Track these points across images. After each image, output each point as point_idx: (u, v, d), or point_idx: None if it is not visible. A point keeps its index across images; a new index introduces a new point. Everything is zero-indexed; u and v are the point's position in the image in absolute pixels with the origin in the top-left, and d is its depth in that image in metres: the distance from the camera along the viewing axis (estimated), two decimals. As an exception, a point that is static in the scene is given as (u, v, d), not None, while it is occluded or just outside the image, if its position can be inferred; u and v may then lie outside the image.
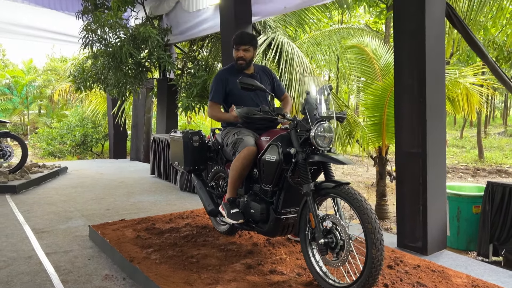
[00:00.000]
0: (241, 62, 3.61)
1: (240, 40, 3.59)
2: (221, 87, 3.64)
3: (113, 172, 8.52)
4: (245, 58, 3.60)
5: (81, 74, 8.46)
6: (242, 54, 3.59)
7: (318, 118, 2.88)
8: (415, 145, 3.91)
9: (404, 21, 3.89)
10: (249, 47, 3.59)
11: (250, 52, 3.62)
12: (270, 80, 3.78)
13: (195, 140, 3.83)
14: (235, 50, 3.62)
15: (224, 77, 3.66)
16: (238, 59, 3.61)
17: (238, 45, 3.58)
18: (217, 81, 3.67)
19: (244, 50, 3.58)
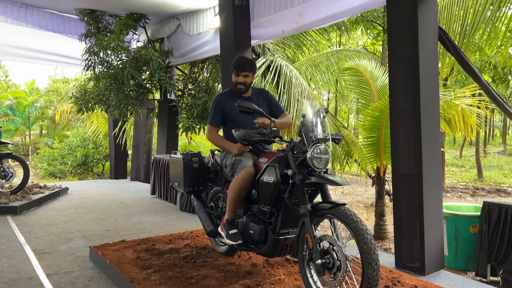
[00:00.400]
0: (240, 87, 3.71)
1: (240, 66, 3.68)
2: (219, 110, 3.73)
3: (114, 192, 8.56)
4: (245, 83, 3.70)
5: (83, 96, 8.59)
6: (242, 80, 3.69)
7: (314, 140, 2.96)
8: (411, 166, 3.98)
9: (398, 46, 4.01)
10: (249, 73, 3.69)
11: (250, 78, 3.73)
12: (268, 102, 3.87)
13: (194, 161, 3.91)
14: (234, 75, 3.71)
15: (221, 101, 3.76)
16: (238, 84, 3.70)
17: (238, 71, 3.68)
18: (215, 105, 3.77)
19: (244, 76, 3.68)
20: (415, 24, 3.81)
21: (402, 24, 3.94)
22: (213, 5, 7.33)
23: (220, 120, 3.75)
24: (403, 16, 3.93)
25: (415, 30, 3.82)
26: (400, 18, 3.96)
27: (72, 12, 8.70)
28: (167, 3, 7.53)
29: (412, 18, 3.83)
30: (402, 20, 3.94)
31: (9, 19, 8.45)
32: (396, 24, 4.03)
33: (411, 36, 3.85)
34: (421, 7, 3.82)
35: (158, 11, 8.13)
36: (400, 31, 3.97)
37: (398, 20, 3.99)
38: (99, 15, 8.58)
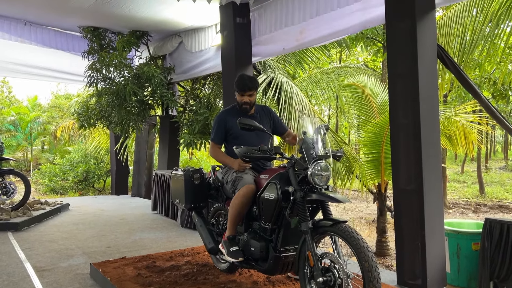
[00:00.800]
0: (245, 107, 3.73)
1: (244, 86, 3.68)
2: (222, 128, 3.76)
3: (115, 208, 8.55)
4: (249, 102, 3.73)
5: (85, 112, 8.65)
6: (247, 100, 3.70)
7: (315, 157, 2.98)
8: (411, 183, 3.99)
9: (397, 63, 4.06)
10: (253, 92, 3.72)
11: (254, 96, 3.76)
12: (270, 120, 3.90)
13: (196, 178, 3.92)
14: (239, 95, 3.72)
15: (224, 118, 3.79)
16: (243, 104, 3.72)
17: (243, 91, 3.68)
18: (217, 122, 3.80)
19: (249, 96, 3.70)
20: (414, 42, 3.86)
21: (401, 41, 3.99)
22: (214, 23, 7.43)
23: (222, 137, 3.78)
24: (402, 33, 3.98)
25: (414, 47, 3.87)
26: (399, 36, 4.01)
27: (76, 30, 8.81)
28: (170, 21, 7.64)
29: (411, 35, 3.88)
30: (401, 38, 4.00)
31: (13, 37, 8.55)
32: (395, 42, 4.08)
33: (410, 54, 3.90)
34: (420, 25, 3.88)
35: (161, 28, 8.24)
36: (400, 48, 4.02)
37: (397, 37, 4.04)
38: (102, 33, 8.68)
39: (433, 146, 4.01)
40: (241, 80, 3.74)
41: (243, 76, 3.80)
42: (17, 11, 7.94)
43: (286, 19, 5.76)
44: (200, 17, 7.32)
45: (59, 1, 7.10)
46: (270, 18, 6.08)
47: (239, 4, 6.10)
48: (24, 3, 7.47)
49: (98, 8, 7.17)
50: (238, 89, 3.70)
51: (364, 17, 4.79)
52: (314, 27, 5.43)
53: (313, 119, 3.22)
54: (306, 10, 5.43)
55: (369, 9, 4.70)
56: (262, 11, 6.25)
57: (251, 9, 6.39)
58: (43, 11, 7.93)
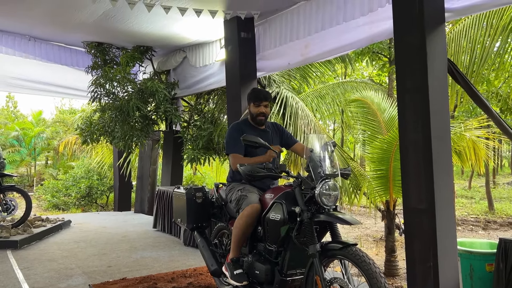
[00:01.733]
0: (261, 118, 3.64)
1: (260, 96, 3.63)
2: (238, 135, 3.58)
3: (117, 225, 8.41)
4: (265, 113, 3.64)
5: (88, 127, 8.57)
6: (264, 110, 3.62)
7: (323, 176, 2.85)
8: (423, 201, 3.83)
9: (407, 77, 3.94)
10: (269, 102, 3.66)
11: (269, 108, 3.70)
12: (280, 134, 3.80)
13: (198, 196, 3.79)
14: (254, 106, 3.63)
15: (240, 128, 3.64)
16: (259, 115, 3.63)
17: (260, 101, 3.60)
18: (236, 132, 3.60)
19: (265, 106, 3.62)
20: (424, 56, 3.75)
21: (411, 55, 3.88)
22: (219, 38, 7.37)
23: (243, 147, 3.52)
24: (411, 47, 3.87)
25: (424, 61, 3.75)
26: (408, 50, 3.90)
27: (80, 45, 8.79)
28: (174, 36, 7.59)
29: (421, 49, 3.77)
30: (410, 52, 3.88)
31: (17, 52, 8.52)
32: (404, 56, 3.97)
33: (420, 68, 3.78)
34: (430, 38, 3.77)
35: (165, 43, 8.20)
36: (409, 63, 3.91)
37: (406, 51, 3.93)
38: (106, 48, 8.65)
39: (445, 162, 3.86)
40: (256, 90, 3.70)
41: (258, 88, 3.75)
42: (22, 27, 7.93)
43: (291, 33, 5.69)
44: (204, 32, 7.27)
45: (63, 17, 7.08)
46: (274, 32, 6.01)
47: (243, 19, 6.05)
48: (30, 20, 7.45)
49: (102, 23, 7.14)
50: (253, 100, 3.60)
51: (371, 31, 4.70)
52: (320, 41, 5.34)
53: (319, 135, 3.09)
54: (311, 24, 5.35)
55: (376, 23, 4.60)
56: (266, 25, 6.19)
57: (255, 24, 6.33)
58: (48, 27, 7.91)
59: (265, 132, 3.66)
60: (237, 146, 3.56)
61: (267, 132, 3.70)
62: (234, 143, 3.59)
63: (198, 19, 6.49)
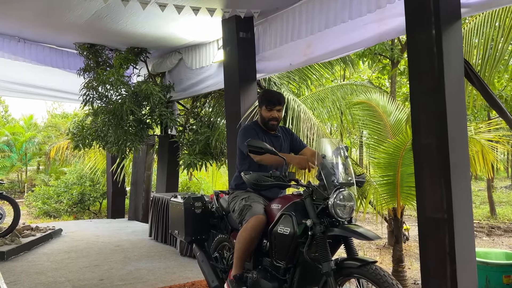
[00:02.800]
0: (273, 123, 3.39)
1: (274, 100, 3.36)
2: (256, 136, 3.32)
3: (110, 234, 8.07)
4: (278, 118, 3.39)
5: (80, 132, 8.24)
6: (276, 115, 3.37)
7: (337, 184, 2.57)
8: (440, 210, 3.56)
9: (421, 79, 3.67)
10: (281, 107, 3.40)
11: (281, 112, 3.44)
12: (289, 139, 3.55)
13: (197, 206, 3.50)
14: (266, 110, 3.37)
15: (255, 129, 3.38)
16: (271, 119, 3.37)
17: (273, 105, 3.34)
18: (251, 131, 3.35)
19: (277, 111, 3.37)
20: (439, 54, 3.49)
21: (425, 54, 3.62)
22: (216, 39, 7.10)
23: None
24: (425, 45, 3.61)
25: (440, 60, 3.49)
26: (422, 48, 3.64)
27: (71, 47, 8.48)
28: (169, 36, 7.31)
29: (436, 48, 3.51)
30: (424, 50, 3.62)
31: (6, 54, 8.19)
32: (418, 55, 3.71)
33: (436, 68, 3.52)
34: (446, 35, 3.51)
35: (160, 45, 7.91)
36: (423, 62, 3.64)
37: (420, 50, 3.67)
38: (99, 50, 8.36)
39: (463, 168, 3.60)
40: (269, 93, 3.43)
41: (271, 90, 3.48)
42: (10, 27, 7.61)
43: (292, 32, 5.42)
44: (201, 32, 6.99)
45: (54, 17, 6.78)
46: (275, 32, 5.74)
47: (243, 18, 5.78)
48: (19, 20, 7.14)
49: (94, 24, 6.84)
50: (266, 103, 3.33)
51: (379, 29, 4.43)
52: (323, 40, 5.07)
53: (331, 139, 2.81)
54: (314, 22, 5.09)
55: (385, 20, 4.34)
56: (266, 25, 5.92)
57: (255, 23, 6.07)
58: (38, 28, 7.60)
59: (276, 138, 3.44)
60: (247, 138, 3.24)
61: (278, 137, 3.47)
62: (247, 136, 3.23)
63: (194, 19, 6.22)
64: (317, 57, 5.35)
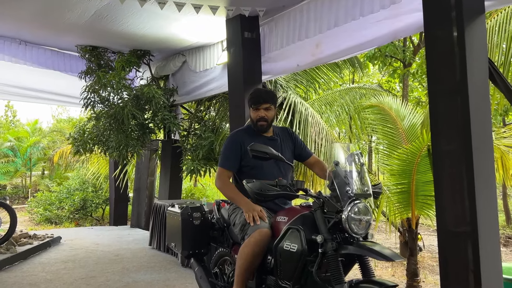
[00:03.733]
0: (262, 124, 3.05)
1: (259, 98, 3.04)
2: (236, 151, 3.01)
3: (110, 242, 7.80)
4: (267, 118, 3.04)
5: (81, 136, 8.00)
6: (263, 114, 3.03)
7: (352, 196, 2.26)
8: (462, 223, 3.23)
9: (441, 78, 3.35)
10: (270, 105, 3.05)
11: (272, 111, 3.08)
12: (292, 144, 3.19)
13: (196, 217, 3.19)
14: (253, 110, 3.06)
15: (239, 139, 3.06)
16: (259, 120, 3.04)
17: (258, 104, 3.02)
18: (232, 143, 3.06)
19: (265, 109, 3.03)
20: (462, 52, 3.17)
21: (446, 52, 3.30)
22: (220, 40, 6.84)
23: (237, 163, 3.02)
24: (446, 43, 3.29)
25: (463, 58, 3.17)
26: (442, 45, 3.33)
27: (73, 49, 8.25)
28: (172, 38, 7.06)
29: (458, 44, 3.20)
30: (445, 48, 3.31)
31: (7, 57, 7.99)
32: (437, 53, 3.39)
33: (458, 66, 3.20)
34: (469, 31, 3.19)
35: (163, 47, 7.67)
36: (444, 60, 3.33)
37: (440, 47, 3.35)
38: (101, 52, 8.13)
39: (488, 176, 3.26)
40: (254, 91, 3.11)
41: (257, 88, 3.18)
42: (10, 29, 7.41)
43: (299, 31, 5.14)
44: (205, 33, 6.74)
45: (53, 17, 6.57)
46: (281, 31, 5.47)
47: (247, 17, 5.51)
48: (18, 21, 6.94)
49: (94, 24, 6.62)
50: (251, 102, 3.03)
51: (394, 26, 4.13)
52: (333, 39, 4.77)
53: (345, 144, 2.51)
54: (322, 20, 4.80)
55: (399, 16, 4.03)
56: (272, 24, 5.64)
57: (260, 23, 5.80)
58: (38, 29, 7.40)
59: (272, 141, 3.05)
60: (228, 160, 3.03)
61: (274, 140, 3.09)
62: (226, 157, 3.06)
63: (198, 19, 5.98)
64: (326, 57, 5.05)
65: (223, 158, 3.05)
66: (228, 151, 3.05)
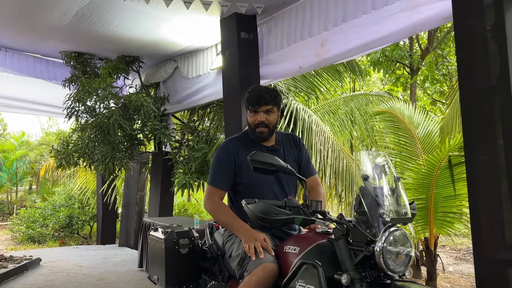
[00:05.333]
0: (262, 130, 2.45)
1: (259, 98, 2.43)
2: (229, 164, 2.43)
3: (95, 264, 7.15)
4: (267, 123, 2.44)
5: (65, 149, 7.40)
6: (263, 118, 2.43)
7: (388, 221, 1.69)
8: (503, 248, 2.69)
9: (476, 76, 2.82)
10: (272, 106, 2.45)
11: (274, 114, 2.48)
12: (296, 153, 2.61)
13: (182, 245, 2.60)
14: (251, 113, 2.47)
15: (232, 149, 2.47)
16: (258, 125, 2.44)
17: (257, 105, 2.43)
18: (223, 155, 2.48)
19: (266, 112, 2.44)
20: (502, 43, 2.65)
21: (481, 44, 2.78)
22: (215, 43, 6.32)
23: (230, 179, 2.44)
24: (481, 32, 2.77)
25: (504, 51, 2.65)
26: (477, 37, 2.81)
27: (57, 56, 7.71)
28: (162, 41, 6.53)
29: (497, 35, 2.68)
30: (480, 40, 2.78)
31: (-15, 64, 7.46)
32: (470, 45, 2.87)
33: (497, 62, 2.68)
34: (510, 17, 2.68)
35: (153, 51, 7.14)
36: (478, 54, 2.80)
37: (474, 39, 2.83)
38: (87, 59, 7.60)
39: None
40: (253, 90, 2.51)
41: (257, 87, 2.58)
42: (-13, 34, 6.88)
43: (302, 30, 4.62)
44: (198, 36, 6.23)
45: (33, 20, 6.05)
46: (282, 30, 4.96)
47: (244, 16, 5.00)
48: (-5, 24, 6.41)
49: (77, 27, 6.10)
50: (249, 103, 2.46)
51: (411, 19, 3.61)
52: (340, 37, 4.25)
53: (373, 152, 1.95)
54: (328, 16, 4.28)
55: (418, 7, 3.52)
56: (272, 23, 5.13)
57: (258, 23, 5.29)
58: (17, 34, 6.85)
59: (273, 152, 2.43)
60: (218, 176, 2.44)
61: (276, 151, 2.50)
62: (217, 172, 2.48)
63: (189, 19, 5.50)
64: (332, 57, 4.52)
65: (214, 174, 2.46)
66: (219, 165, 2.47)
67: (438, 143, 4.61)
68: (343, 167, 4.72)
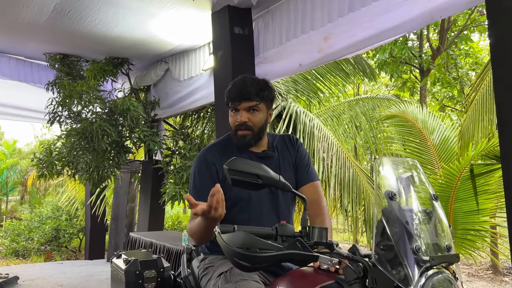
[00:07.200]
0: (243, 133, 1.92)
1: (239, 93, 1.90)
2: (212, 179, 1.88)
3: (78, 282, 6.58)
4: (251, 125, 1.91)
5: (48, 157, 6.88)
6: (244, 118, 1.90)
7: (426, 260, 1.13)
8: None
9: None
10: (257, 103, 1.91)
11: (261, 113, 1.94)
12: (294, 156, 2.05)
13: (147, 277, 2.04)
14: (232, 111, 1.95)
15: (213, 160, 1.94)
16: (238, 127, 1.92)
17: (236, 101, 1.91)
18: (202, 169, 1.94)
19: (248, 110, 1.91)
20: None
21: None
22: (207, 42, 5.83)
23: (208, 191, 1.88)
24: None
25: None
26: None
27: (42, 58, 7.23)
28: (151, 40, 6.04)
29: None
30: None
31: (-38, 66, 6.98)
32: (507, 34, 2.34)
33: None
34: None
35: (142, 52, 6.64)
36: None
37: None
38: (73, 61, 7.11)
39: None
40: (234, 83, 1.96)
41: (242, 78, 2.00)
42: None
43: (303, 23, 4.11)
44: (189, 34, 5.76)
45: (8, 17, 5.57)
46: (280, 24, 4.44)
47: (237, 9, 4.51)
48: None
49: (58, 25, 5.63)
50: (227, 99, 1.92)
51: (429, 5, 3.09)
52: (346, 29, 3.73)
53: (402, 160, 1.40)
54: (332, 6, 3.77)
55: (438, -11, 2.99)
56: (268, 17, 4.62)
57: (254, 17, 4.78)
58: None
59: (264, 160, 1.92)
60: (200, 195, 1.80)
61: (268, 158, 1.97)
62: (194, 191, 1.93)
63: (178, 14, 5.04)
64: (337, 52, 3.98)
65: (192, 194, 1.89)
66: (197, 181, 1.92)
67: (457, 149, 4.07)
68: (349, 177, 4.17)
